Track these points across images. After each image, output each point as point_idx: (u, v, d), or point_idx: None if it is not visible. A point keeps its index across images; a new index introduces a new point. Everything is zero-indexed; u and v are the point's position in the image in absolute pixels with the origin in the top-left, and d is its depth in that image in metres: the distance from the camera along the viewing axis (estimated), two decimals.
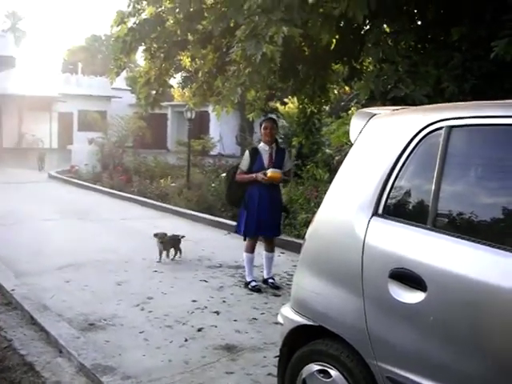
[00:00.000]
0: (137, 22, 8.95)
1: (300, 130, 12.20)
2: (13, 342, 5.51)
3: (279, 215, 8.08)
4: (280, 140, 22.81)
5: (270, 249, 7.90)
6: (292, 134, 19.28)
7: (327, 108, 15.95)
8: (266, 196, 7.59)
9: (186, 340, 5.74)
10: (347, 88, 13.67)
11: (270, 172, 7.37)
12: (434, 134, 3.08)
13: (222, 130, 32.47)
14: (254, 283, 7.69)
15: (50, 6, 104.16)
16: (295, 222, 11.18)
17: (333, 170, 14.43)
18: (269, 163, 7.60)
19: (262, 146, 7.76)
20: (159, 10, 8.84)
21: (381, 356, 3.06)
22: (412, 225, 3.04)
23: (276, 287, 7.70)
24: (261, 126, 7.82)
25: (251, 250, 7.78)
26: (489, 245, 2.68)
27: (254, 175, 7.51)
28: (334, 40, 8.02)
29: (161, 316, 6.44)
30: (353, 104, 18.23)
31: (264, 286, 7.79)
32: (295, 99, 12.10)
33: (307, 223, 9.55)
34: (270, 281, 7.82)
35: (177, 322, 6.26)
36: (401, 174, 3.17)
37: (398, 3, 6.84)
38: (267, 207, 7.61)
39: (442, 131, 3.03)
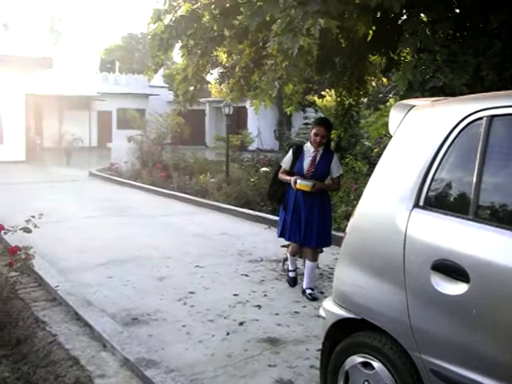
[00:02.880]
0: (173, 19, 9.02)
1: (338, 123, 12.14)
2: (58, 336, 5.60)
3: (322, 225, 6.99)
4: None
5: (311, 257, 7.10)
6: None
7: (365, 100, 15.88)
8: (303, 202, 6.92)
9: (228, 334, 5.77)
10: (385, 79, 13.60)
11: (298, 183, 6.72)
12: (474, 124, 3.05)
13: (259, 124, 32.52)
14: (291, 274, 7.52)
15: (87, 6, 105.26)
16: (335, 215, 11.13)
17: (372, 163, 14.38)
18: (309, 168, 6.90)
19: (308, 147, 7.02)
20: (195, 6, 8.89)
21: (423, 348, 3.04)
22: (453, 216, 3.01)
23: (314, 298, 6.92)
24: (312, 127, 7.03)
25: (293, 253, 7.39)
26: None
27: (289, 178, 6.88)
28: (371, 31, 7.98)
29: (203, 310, 6.48)
30: (391, 95, 18.13)
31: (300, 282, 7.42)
32: (333, 92, 12.09)
33: (347, 216, 9.53)
34: (308, 291, 7.04)
35: (218, 316, 6.30)
36: (441, 165, 3.14)
37: None
38: (304, 214, 6.92)
39: (483, 121, 2.99)
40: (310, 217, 6.90)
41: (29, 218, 6.33)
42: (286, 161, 7.16)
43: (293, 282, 7.49)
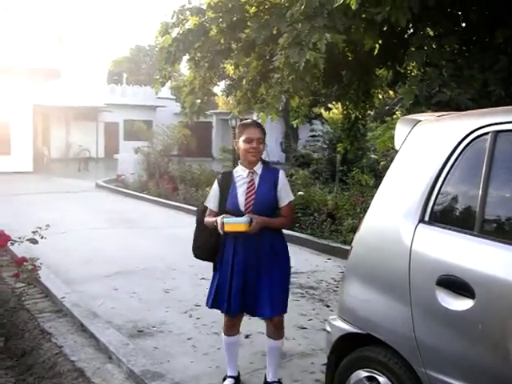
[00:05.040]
0: (181, 33, 9.07)
1: (345, 136, 12.17)
2: (63, 348, 5.62)
3: (278, 284, 4.58)
4: (325, 146, 22.89)
5: (275, 334, 4.72)
6: (337, 139, 19.26)
7: (372, 113, 15.91)
8: (244, 254, 4.54)
9: None
10: (392, 92, 13.62)
11: (225, 224, 4.32)
12: (480, 139, 3.05)
13: (266, 137, 32.55)
14: (229, 381, 4.87)
15: (96, 18, 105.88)
16: (341, 228, 11.15)
17: (378, 176, 14.38)
18: (248, 199, 4.53)
19: (239, 171, 4.67)
20: (202, 19, 8.94)
21: (429, 364, 3.04)
22: (459, 231, 3.01)
23: None
24: (239, 132, 4.65)
25: (230, 330, 4.86)
26: None
27: (217, 220, 4.41)
28: (378, 45, 7.99)
29: (208, 323, 6.48)
30: (397, 108, 18.14)
31: None
32: (339, 104, 12.12)
33: (353, 229, 9.52)
34: None
35: None
36: (447, 180, 3.15)
37: (441, 6, 6.79)
38: (252, 272, 4.54)
39: (488, 136, 3.00)
40: (260, 275, 4.55)
41: (35, 228, 6.36)
42: (212, 197, 4.75)
43: None
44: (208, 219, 4.65)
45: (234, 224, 4.35)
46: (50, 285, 7.43)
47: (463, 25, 7.96)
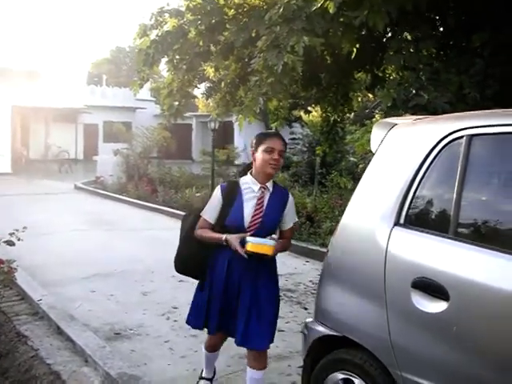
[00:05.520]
0: (159, 35, 9.03)
1: (323, 139, 12.21)
2: (39, 351, 5.57)
3: (271, 310, 4.21)
4: (304, 149, 22.92)
5: (257, 364, 4.22)
6: (316, 142, 19.30)
7: (351, 116, 15.97)
8: (239, 277, 4.11)
9: None
10: (371, 96, 13.68)
11: (250, 244, 3.87)
12: (454, 143, 3.08)
13: (246, 139, 32.50)
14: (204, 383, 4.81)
15: (75, 19, 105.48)
16: (320, 231, 11.18)
17: (357, 178, 14.43)
18: (255, 216, 4.07)
19: (249, 183, 4.18)
20: (181, 22, 8.91)
21: (404, 366, 3.06)
22: (434, 234, 3.04)
23: None
24: (259, 141, 4.21)
25: (213, 348, 4.68)
26: (511, 253, 2.68)
27: (222, 237, 4.01)
28: (356, 48, 8.02)
29: (186, 325, 6.43)
30: (377, 111, 18.22)
31: None
32: (319, 107, 12.15)
33: (332, 232, 9.55)
34: None
35: (202, 332, 6.23)
36: (422, 183, 3.17)
37: (419, 10, 6.83)
38: (246, 297, 4.10)
39: (463, 140, 3.03)
40: (256, 301, 4.11)
41: (13, 230, 6.31)
42: (211, 208, 4.23)
43: None
44: (207, 233, 4.15)
45: (261, 245, 3.86)
46: (27, 287, 7.37)
47: (441, 29, 8.02)
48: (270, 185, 4.19)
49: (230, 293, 4.12)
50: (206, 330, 4.48)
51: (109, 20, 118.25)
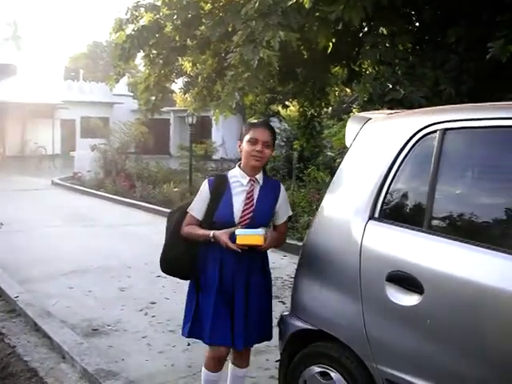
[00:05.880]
0: (135, 29, 8.99)
1: (301, 133, 12.24)
2: (16, 348, 5.55)
3: (266, 309, 4.08)
4: (282, 143, 22.96)
5: (242, 362, 4.26)
6: (294, 137, 19.34)
7: (329, 110, 16.03)
8: (232, 274, 3.88)
9: (189, 344, 5.73)
10: (348, 90, 13.72)
11: (238, 236, 3.65)
12: (428, 137, 3.10)
13: (224, 134, 32.52)
14: None
15: (52, 13, 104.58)
16: (298, 225, 11.20)
17: (334, 173, 14.49)
18: (245, 211, 3.84)
19: (238, 176, 3.95)
20: (157, 16, 8.88)
21: (379, 358, 3.08)
22: (408, 228, 3.06)
23: None
24: (246, 131, 3.91)
25: (216, 366, 4.14)
26: (484, 246, 2.71)
27: (210, 233, 3.78)
28: (332, 43, 8.02)
29: (164, 321, 6.47)
30: (354, 106, 18.29)
31: None
32: (296, 102, 12.17)
33: (309, 226, 9.58)
34: None
35: (179, 327, 6.18)
36: (396, 177, 3.19)
37: (394, 5, 6.85)
38: (239, 296, 3.89)
39: (436, 134, 3.05)
40: (249, 299, 3.93)
41: None
42: (199, 203, 3.98)
43: None
44: (194, 230, 3.90)
45: (249, 236, 3.66)
46: (3, 284, 7.33)
47: (416, 24, 8.05)
48: (259, 177, 3.95)
49: (224, 294, 3.87)
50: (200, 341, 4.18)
51: (86, 14, 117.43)
